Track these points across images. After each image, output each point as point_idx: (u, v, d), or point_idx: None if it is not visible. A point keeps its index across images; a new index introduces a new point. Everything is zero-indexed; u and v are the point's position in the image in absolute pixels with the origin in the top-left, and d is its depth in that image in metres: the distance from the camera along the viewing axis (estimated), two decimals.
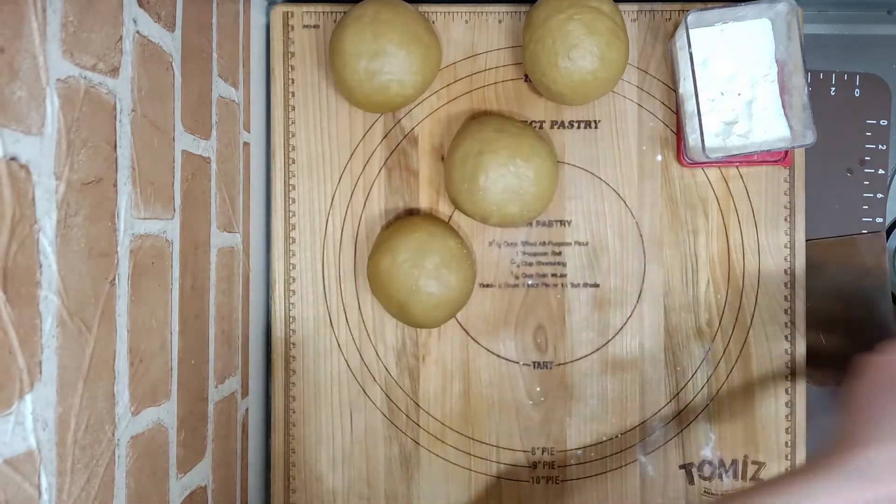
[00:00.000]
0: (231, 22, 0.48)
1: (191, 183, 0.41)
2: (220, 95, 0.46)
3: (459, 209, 0.49)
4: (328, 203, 0.53)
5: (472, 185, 0.47)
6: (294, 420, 0.54)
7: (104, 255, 0.32)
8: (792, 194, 0.53)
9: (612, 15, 0.47)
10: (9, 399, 0.26)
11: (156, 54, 0.37)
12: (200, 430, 0.44)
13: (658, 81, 0.53)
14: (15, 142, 0.26)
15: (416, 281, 0.47)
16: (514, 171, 0.46)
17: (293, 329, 0.54)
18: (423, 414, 0.53)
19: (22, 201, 0.26)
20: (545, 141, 0.49)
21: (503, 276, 0.53)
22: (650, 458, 0.53)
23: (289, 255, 0.54)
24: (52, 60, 0.28)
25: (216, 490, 0.46)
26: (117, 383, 0.33)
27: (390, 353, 0.53)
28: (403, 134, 0.53)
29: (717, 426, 0.53)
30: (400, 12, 0.47)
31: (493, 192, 0.47)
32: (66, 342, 0.29)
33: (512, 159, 0.46)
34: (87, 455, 0.31)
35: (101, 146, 0.31)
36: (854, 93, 0.56)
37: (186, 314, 0.41)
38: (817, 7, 0.55)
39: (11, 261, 0.26)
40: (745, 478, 0.53)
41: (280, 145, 0.53)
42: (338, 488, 0.53)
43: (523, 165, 0.46)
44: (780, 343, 0.53)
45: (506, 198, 0.47)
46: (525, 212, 0.48)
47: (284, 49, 0.53)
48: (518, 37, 0.53)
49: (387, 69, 0.46)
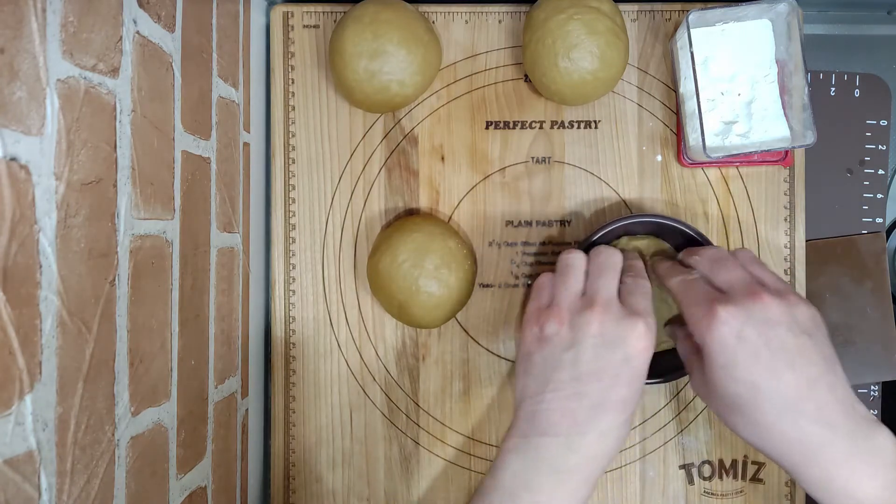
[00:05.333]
0: (231, 22, 0.48)
1: (191, 183, 0.41)
2: (220, 95, 0.46)
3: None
4: (328, 203, 0.53)
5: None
6: (294, 420, 0.54)
7: (104, 256, 0.32)
8: (792, 194, 0.53)
9: (612, 15, 0.47)
10: (9, 399, 0.26)
11: (156, 54, 0.37)
12: (200, 431, 0.44)
13: (658, 81, 0.53)
14: (15, 142, 0.26)
15: (416, 281, 0.47)
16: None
17: (293, 329, 0.54)
18: (423, 414, 0.53)
19: (22, 201, 0.26)
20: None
21: (503, 276, 0.53)
22: (650, 459, 0.53)
23: (289, 255, 0.54)
24: (52, 60, 0.28)
25: (216, 490, 0.46)
26: (117, 384, 0.33)
27: (390, 353, 0.53)
28: (403, 134, 0.53)
29: (716, 426, 0.53)
30: (400, 12, 0.47)
31: None
32: (66, 342, 0.29)
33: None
34: (87, 455, 0.31)
35: (101, 146, 0.31)
36: (854, 93, 0.56)
37: (186, 314, 0.41)
38: (817, 7, 0.55)
39: (11, 261, 0.26)
40: (745, 478, 0.53)
41: (280, 145, 0.53)
42: (337, 488, 0.53)
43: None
44: None
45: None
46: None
47: (284, 49, 0.53)
48: (518, 37, 0.53)
49: (387, 69, 0.46)
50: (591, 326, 0.38)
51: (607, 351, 0.38)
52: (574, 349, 0.38)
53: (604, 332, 0.38)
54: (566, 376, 0.38)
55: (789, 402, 0.36)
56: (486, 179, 0.53)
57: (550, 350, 0.39)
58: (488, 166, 0.53)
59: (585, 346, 0.38)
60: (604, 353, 0.38)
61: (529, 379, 0.40)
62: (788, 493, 0.52)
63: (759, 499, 0.53)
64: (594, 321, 0.38)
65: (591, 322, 0.38)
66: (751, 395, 0.37)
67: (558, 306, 0.40)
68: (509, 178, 0.53)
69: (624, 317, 0.39)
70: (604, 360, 0.38)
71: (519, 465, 0.38)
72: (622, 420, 0.38)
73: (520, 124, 0.53)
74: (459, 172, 0.53)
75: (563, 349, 0.39)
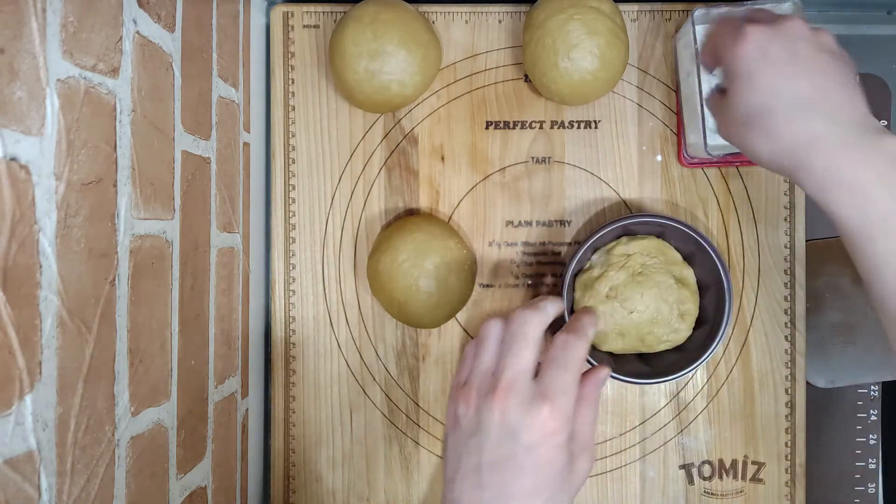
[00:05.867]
0: (231, 22, 0.48)
1: (191, 183, 0.41)
2: (220, 96, 0.46)
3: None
4: (328, 203, 0.53)
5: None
6: (294, 420, 0.54)
7: (104, 256, 0.32)
8: (792, 194, 0.53)
9: (612, 15, 0.47)
10: (9, 399, 0.26)
11: (156, 54, 0.37)
12: (200, 431, 0.44)
13: (658, 81, 0.53)
14: (15, 142, 0.26)
15: (416, 281, 0.47)
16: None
17: (293, 329, 0.54)
18: (423, 414, 0.53)
19: (22, 201, 0.26)
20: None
21: (503, 276, 0.53)
22: (650, 459, 0.53)
23: (289, 255, 0.54)
24: (52, 61, 0.28)
25: (216, 490, 0.46)
26: (117, 384, 0.33)
27: (390, 353, 0.53)
28: (403, 134, 0.53)
29: (716, 426, 0.53)
30: (400, 12, 0.47)
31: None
32: (66, 342, 0.29)
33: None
34: (87, 455, 0.31)
35: (101, 146, 0.31)
36: None
37: (186, 314, 0.41)
38: (817, 7, 0.55)
39: (11, 261, 0.26)
40: (745, 478, 0.53)
41: (280, 145, 0.53)
42: (337, 488, 0.53)
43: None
44: (779, 343, 0.53)
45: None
46: None
47: (284, 49, 0.53)
48: (518, 37, 0.53)
49: (387, 69, 0.46)
50: (493, 414, 0.36)
51: (508, 440, 0.36)
52: (477, 436, 0.37)
53: (504, 420, 0.36)
54: (472, 465, 0.36)
55: (805, 102, 0.37)
56: (486, 179, 0.53)
57: (459, 434, 0.38)
58: (488, 166, 0.53)
59: (488, 434, 0.36)
60: (505, 443, 0.36)
61: (447, 461, 0.38)
62: (788, 493, 0.53)
63: (759, 499, 0.53)
64: (495, 409, 0.36)
65: (493, 410, 0.36)
66: (769, 100, 0.38)
67: (468, 386, 0.38)
68: (509, 178, 0.53)
69: (529, 400, 0.36)
70: (505, 448, 0.36)
71: None
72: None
73: (520, 124, 0.53)
74: (459, 172, 0.53)
75: (469, 435, 0.37)
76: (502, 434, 0.36)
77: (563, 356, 0.37)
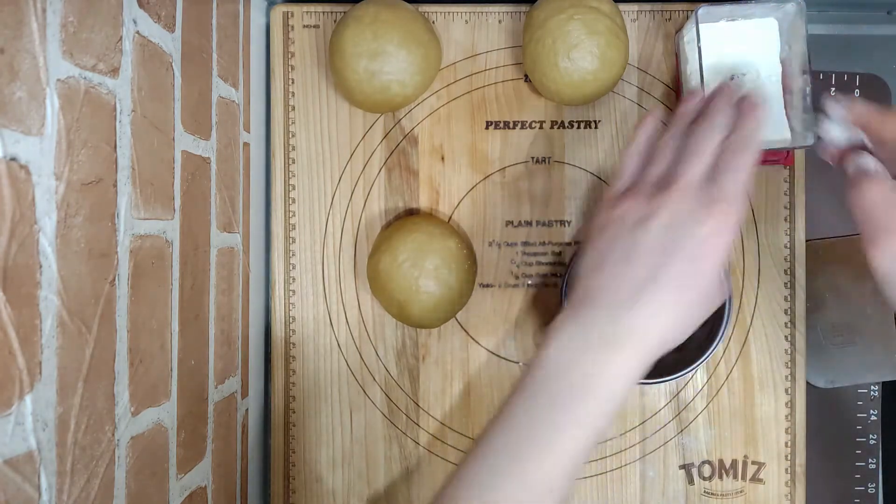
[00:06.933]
0: (231, 22, 0.48)
1: (191, 183, 0.41)
2: (220, 95, 0.46)
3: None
4: (328, 203, 0.53)
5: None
6: (294, 420, 0.54)
7: (104, 256, 0.32)
8: (792, 194, 0.53)
9: (612, 15, 0.47)
10: (9, 399, 0.26)
11: (156, 54, 0.37)
12: (200, 431, 0.44)
13: (658, 81, 0.53)
14: (15, 142, 0.26)
15: (416, 281, 0.47)
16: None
17: (293, 329, 0.54)
18: (423, 414, 0.53)
19: (22, 201, 0.26)
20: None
21: (503, 276, 0.53)
22: (650, 459, 0.53)
23: (289, 255, 0.54)
24: (52, 61, 0.28)
25: (216, 490, 0.46)
26: (117, 384, 0.33)
27: (390, 353, 0.53)
28: (403, 134, 0.53)
29: (716, 426, 0.53)
30: (400, 12, 0.47)
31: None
32: (66, 342, 0.29)
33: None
34: (87, 455, 0.31)
35: (101, 146, 0.31)
36: (854, 93, 0.56)
37: (186, 314, 0.41)
38: (817, 7, 0.55)
39: (11, 261, 0.26)
40: (745, 478, 0.53)
41: (280, 145, 0.53)
42: (337, 489, 0.53)
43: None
44: (779, 343, 0.53)
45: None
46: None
47: (284, 49, 0.53)
48: (518, 37, 0.53)
49: (387, 69, 0.46)
50: (668, 206, 0.36)
51: (671, 232, 0.36)
52: (637, 230, 0.36)
53: (673, 220, 0.36)
54: (622, 253, 0.36)
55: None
56: (486, 179, 0.53)
57: (614, 231, 0.38)
58: (488, 166, 0.53)
59: (650, 227, 0.36)
60: (666, 234, 0.36)
61: (588, 258, 0.39)
62: (788, 493, 0.53)
63: (759, 499, 0.53)
64: (671, 202, 0.36)
65: (669, 202, 0.36)
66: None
67: (635, 189, 0.38)
68: (509, 178, 0.53)
69: (702, 205, 0.36)
70: (665, 238, 0.36)
71: (566, 339, 0.36)
72: (675, 300, 0.36)
73: (520, 124, 0.53)
74: (459, 172, 0.53)
75: (628, 230, 0.37)
76: (665, 227, 0.36)
77: (733, 163, 0.37)
